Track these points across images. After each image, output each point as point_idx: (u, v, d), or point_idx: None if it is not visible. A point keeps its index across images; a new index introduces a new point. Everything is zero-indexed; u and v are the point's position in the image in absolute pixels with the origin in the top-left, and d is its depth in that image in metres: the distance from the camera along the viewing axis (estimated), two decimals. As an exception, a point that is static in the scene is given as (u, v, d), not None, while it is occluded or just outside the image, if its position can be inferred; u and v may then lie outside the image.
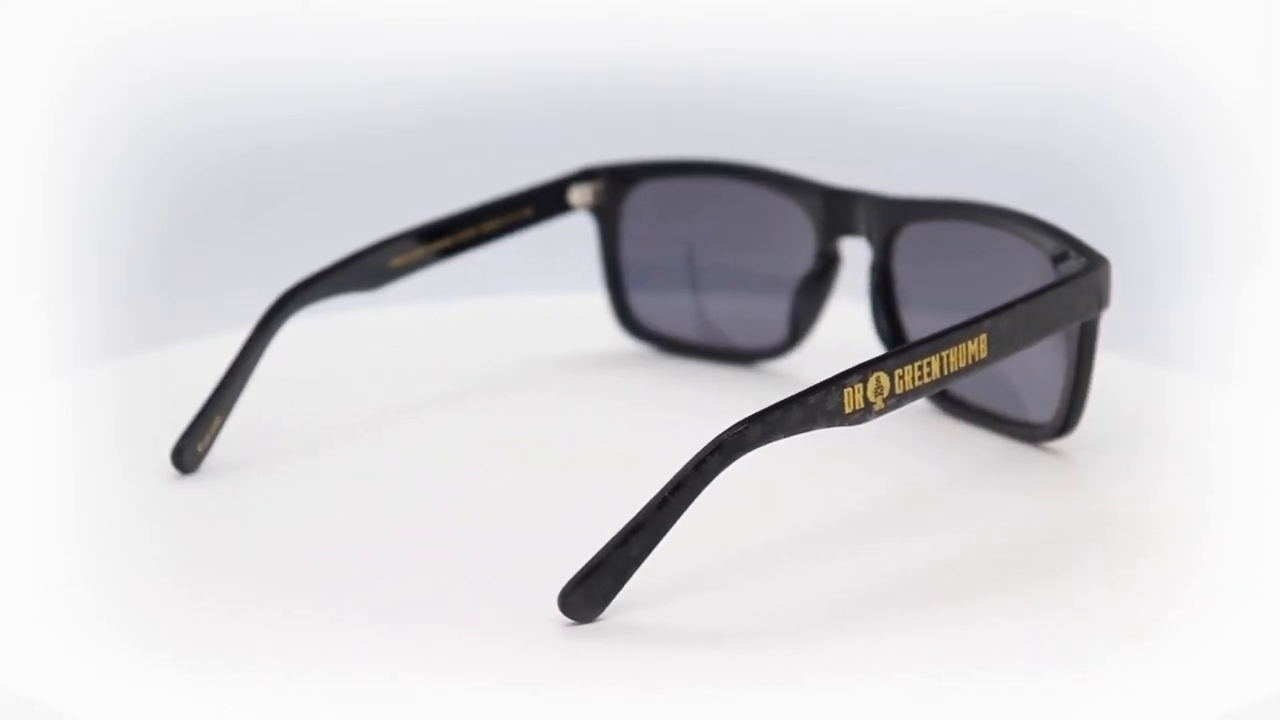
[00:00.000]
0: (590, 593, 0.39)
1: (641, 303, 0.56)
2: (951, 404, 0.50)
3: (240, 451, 0.47)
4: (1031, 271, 0.47)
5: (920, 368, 0.42)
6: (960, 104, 0.79)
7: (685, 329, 0.56)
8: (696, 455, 0.39)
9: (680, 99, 0.80)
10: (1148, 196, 0.77)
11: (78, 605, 0.40)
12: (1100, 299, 0.45)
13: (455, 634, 0.39)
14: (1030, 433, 0.48)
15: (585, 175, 0.55)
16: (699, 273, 0.56)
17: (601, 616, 0.39)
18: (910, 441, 0.49)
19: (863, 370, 0.41)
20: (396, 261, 0.50)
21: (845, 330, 0.54)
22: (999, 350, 0.43)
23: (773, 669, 0.38)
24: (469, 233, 0.52)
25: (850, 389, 0.40)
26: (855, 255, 0.53)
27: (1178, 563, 0.42)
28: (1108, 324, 0.46)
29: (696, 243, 0.56)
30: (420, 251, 0.51)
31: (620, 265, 0.56)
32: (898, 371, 0.41)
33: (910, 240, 0.51)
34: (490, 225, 0.52)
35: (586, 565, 0.39)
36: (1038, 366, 0.47)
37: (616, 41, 0.80)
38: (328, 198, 0.79)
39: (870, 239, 0.51)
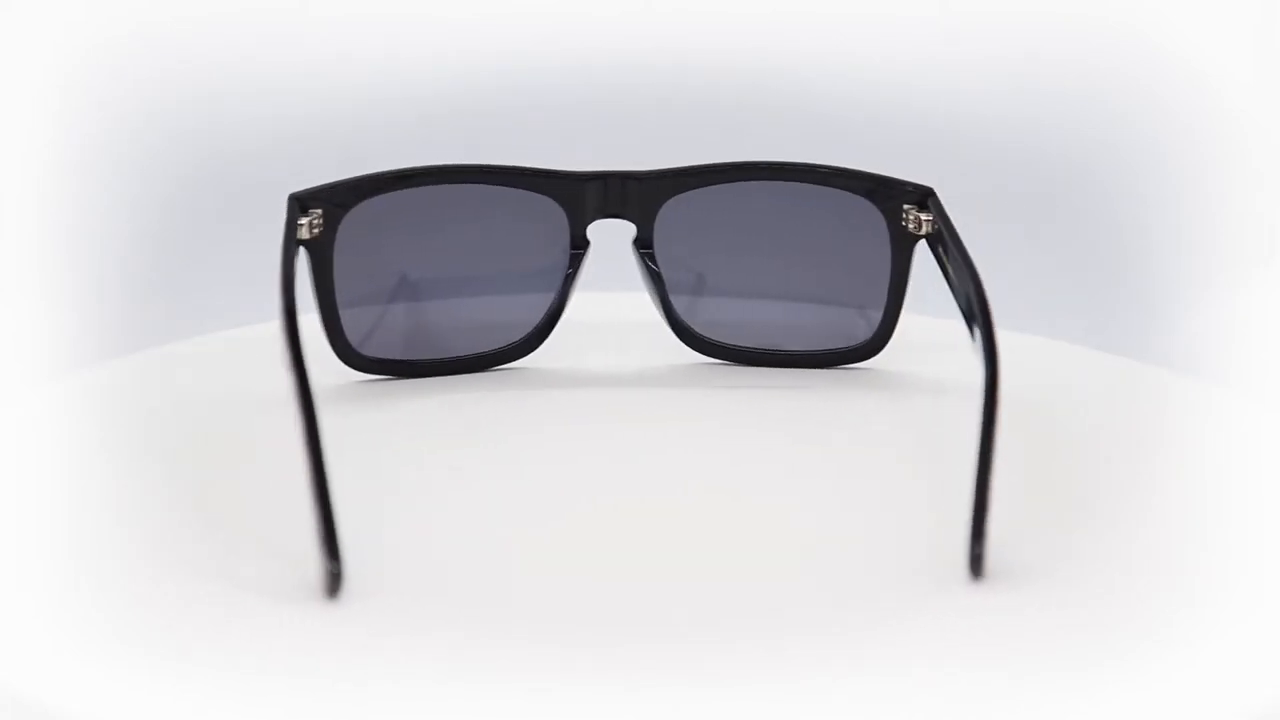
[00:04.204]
0: (984, 542, 0.40)
1: (368, 330, 0.52)
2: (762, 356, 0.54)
3: (237, 452, 0.48)
4: (846, 212, 0.51)
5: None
6: (960, 104, 0.79)
7: (422, 347, 0.53)
8: (986, 406, 0.41)
9: (678, 100, 0.80)
10: (1147, 195, 0.77)
11: (78, 606, 0.40)
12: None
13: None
14: (847, 356, 0.53)
15: (301, 207, 0.51)
16: (436, 285, 0.53)
17: None
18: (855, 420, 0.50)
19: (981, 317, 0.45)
20: None
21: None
22: None
23: (759, 665, 0.38)
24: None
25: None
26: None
27: (1177, 565, 0.42)
28: (1109, 327, 0.46)
29: (431, 255, 0.53)
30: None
31: (337, 296, 0.51)
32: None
33: (677, 210, 0.52)
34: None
35: (975, 519, 0.40)
36: (853, 295, 0.53)
37: (621, 40, 0.80)
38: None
39: (632, 218, 0.53)
